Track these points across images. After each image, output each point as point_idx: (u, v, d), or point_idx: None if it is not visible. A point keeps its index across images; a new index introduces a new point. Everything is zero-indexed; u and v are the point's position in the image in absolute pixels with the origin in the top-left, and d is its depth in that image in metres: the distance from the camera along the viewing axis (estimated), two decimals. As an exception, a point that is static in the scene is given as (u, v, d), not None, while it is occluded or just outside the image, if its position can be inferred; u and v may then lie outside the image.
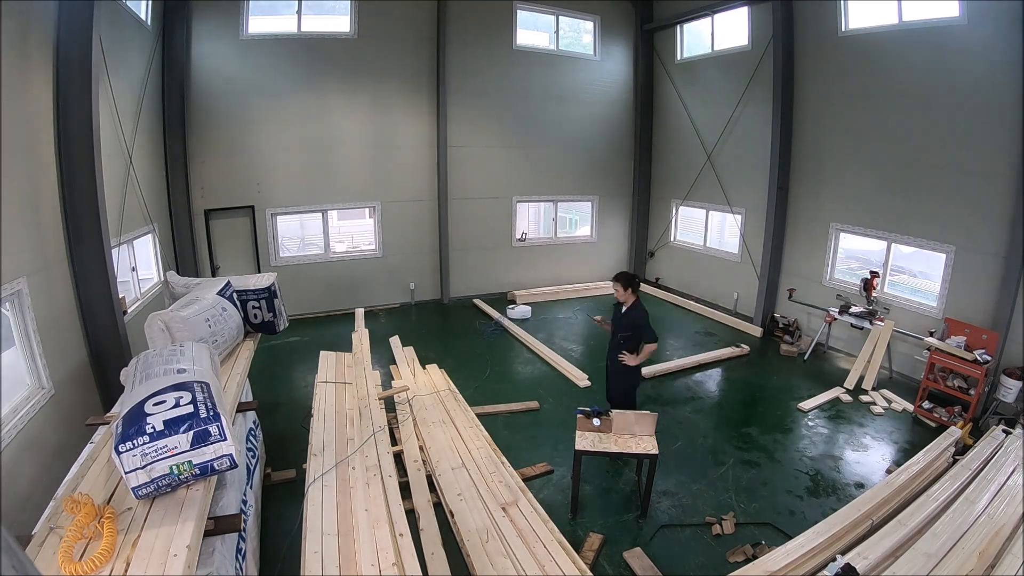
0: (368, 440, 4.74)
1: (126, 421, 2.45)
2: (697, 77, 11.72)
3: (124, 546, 2.26)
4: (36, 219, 5.03)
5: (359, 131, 10.68)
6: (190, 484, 2.57)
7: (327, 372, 6.22)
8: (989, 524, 4.39)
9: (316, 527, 3.58)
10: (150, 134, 8.35)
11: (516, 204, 12.41)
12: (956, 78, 7.22)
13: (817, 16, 8.90)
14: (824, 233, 9.33)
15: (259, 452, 5.23)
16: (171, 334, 3.92)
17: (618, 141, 13.01)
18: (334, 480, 4.14)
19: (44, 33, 5.20)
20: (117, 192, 6.78)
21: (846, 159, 8.87)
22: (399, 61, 10.62)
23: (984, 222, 7.13)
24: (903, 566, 3.96)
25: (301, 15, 9.83)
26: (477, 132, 11.60)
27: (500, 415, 6.91)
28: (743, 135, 10.61)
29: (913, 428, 6.88)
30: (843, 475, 5.83)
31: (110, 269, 5.84)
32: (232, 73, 9.48)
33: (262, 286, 5.11)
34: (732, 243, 11.25)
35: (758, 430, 6.74)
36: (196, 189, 9.57)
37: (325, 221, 10.96)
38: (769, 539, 4.75)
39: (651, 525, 4.94)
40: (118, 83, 6.81)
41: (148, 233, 8.14)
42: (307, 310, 10.77)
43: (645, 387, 7.88)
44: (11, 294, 4.47)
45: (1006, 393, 6.61)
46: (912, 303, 8.19)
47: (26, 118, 4.91)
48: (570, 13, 11.99)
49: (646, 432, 4.96)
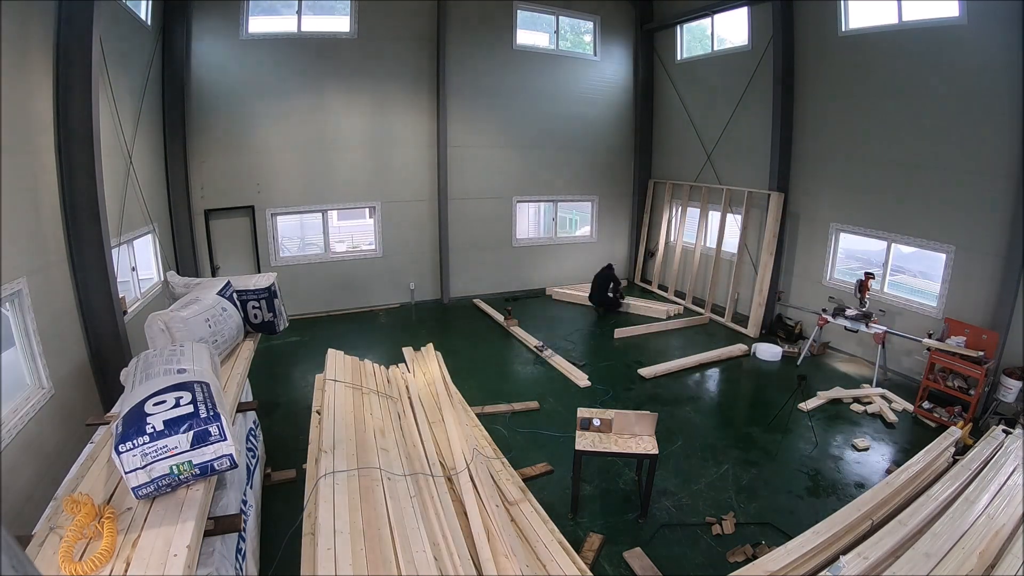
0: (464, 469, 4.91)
1: (126, 421, 2.46)
2: (697, 77, 11.72)
3: (124, 546, 2.26)
4: (36, 219, 5.03)
5: (359, 131, 10.68)
6: (190, 484, 2.57)
7: (335, 371, 6.19)
8: (989, 524, 4.38)
9: (328, 524, 3.58)
10: (150, 134, 8.36)
11: (516, 204, 12.41)
12: (956, 78, 7.22)
13: (817, 16, 8.90)
14: (824, 233, 9.34)
15: (259, 452, 5.23)
16: (171, 334, 3.93)
17: (618, 141, 13.02)
18: (345, 479, 4.14)
19: (44, 33, 5.19)
20: (117, 192, 6.78)
21: (846, 159, 8.87)
22: (399, 61, 10.62)
23: (984, 222, 7.13)
24: (903, 566, 3.96)
25: (301, 15, 9.84)
26: (477, 132, 11.61)
27: (500, 414, 6.91)
28: (743, 135, 10.61)
29: (913, 428, 6.88)
30: (843, 475, 5.84)
31: (110, 269, 5.83)
32: (232, 73, 9.48)
33: (262, 286, 5.12)
34: (732, 243, 11.24)
35: (758, 430, 6.74)
36: (196, 189, 9.57)
37: (325, 221, 10.96)
38: (769, 539, 4.75)
39: (651, 525, 4.94)
40: (118, 83, 6.81)
41: (148, 233, 8.14)
42: (307, 310, 10.77)
43: (645, 387, 7.91)
44: (11, 294, 4.47)
45: (1006, 393, 6.61)
46: (912, 303, 8.19)
47: (26, 118, 4.91)
48: (570, 13, 12.00)
49: (646, 432, 4.97)
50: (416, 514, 4.14)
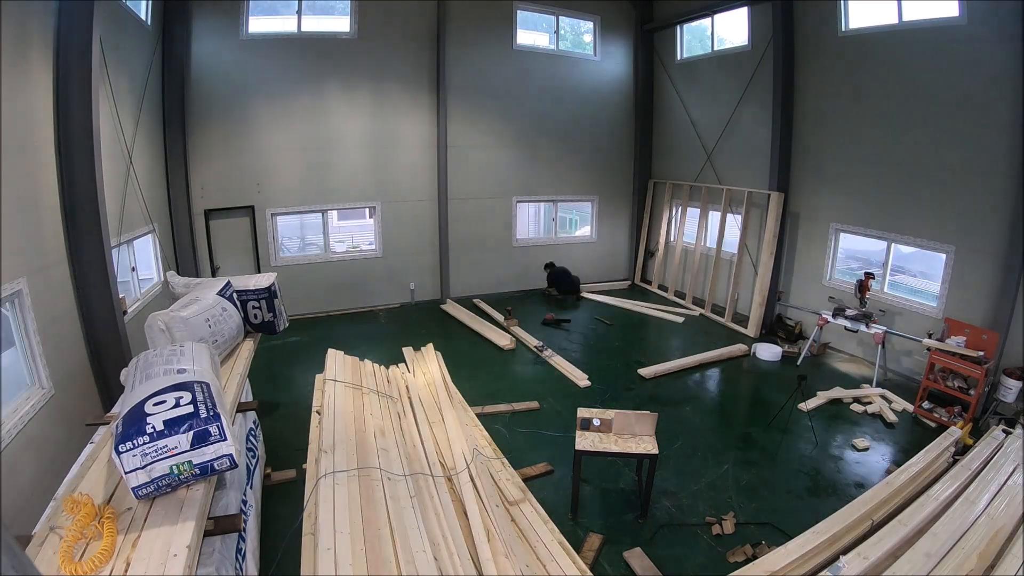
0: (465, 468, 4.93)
1: (126, 421, 2.45)
2: (697, 77, 11.72)
3: (124, 546, 2.26)
4: (36, 219, 5.03)
5: (359, 131, 10.68)
6: (190, 484, 2.57)
7: (336, 371, 6.19)
8: (989, 524, 4.39)
9: (328, 524, 3.58)
10: (150, 134, 8.35)
11: (516, 204, 12.41)
12: (956, 78, 7.22)
13: (817, 16, 8.90)
14: (824, 233, 9.33)
15: (259, 452, 5.23)
16: (171, 334, 3.93)
17: (618, 141, 13.02)
18: (346, 479, 4.14)
19: (44, 33, 5.19)
20: (117, 192, 6.78)
21: (846, 159, 8.87)
22: (399, 61, 10.62)
23: (984, 222, 7.13)
24: (903, 566, 3.96)
25: (301, 15, 9.84)
26: (477, 132, 11.60)
27: (500, 414, 6.91)
28: (743, 135, 10.61)
29: (913, 428, 6.88)
30: (843, 475, 5.83)
31: (110, 269, 5.83)
32: (232, 73, 9.48)
33: (262, 286, 5.12)
34: (732, 243, 11.23)
35: (758, 430, 6.74)
36: (196, 189, 9.57)
37: (325, 221, 10.96)
38: (769, 539, 4.75)
39: (651, 525, 4.94)
40: (118, 83, 6.81)
41: (148, 233, 8.14)
42: (307, 310, 10.77)
43: (646, 387, 7.91)
44: (11, 294, 4.47)
45: (1006, 393, 6.61)
46: (912, 303, 8.19)
47: (26, 118, 4.91)
48: (570, 13, 11.99)
49: (646, 432, 4.97)
50: (416, 514, 4.14)
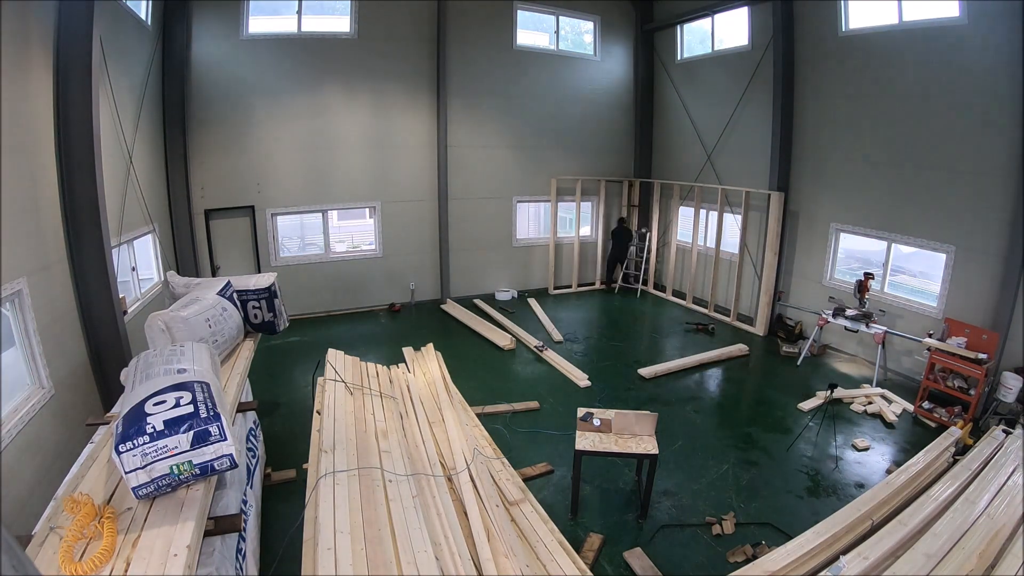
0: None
1: (126, 421, 2.45)
2: (697, 77, 11.72)
3: (124, 546, 2.26)
4: (36, 219, 5.03)
5: (359, 131, 10.68)
6: (190, 484, 2.57)
7: (336, 371, 6.18)
8: (989, 524, 4.39)
9: (328, 524, 3.58)
10: (150, 134, 8.35)
11: (516, 204, 12.41)
12: (956, 78, 7.22)
13: (817, 16, 8.90)
14: (824, 233, 9.33)
15: (259, 452, 5.23)
16: (171, 334, 3.93)
17: (618, 141, 13.02)
18: (346, 479, 4.14)
19: (44, 33, 5.19)
20: (117, 192, 6.78)
21: (846, 159, 8.87)
22: (399, 61, 10.62)
23: (984, 222, 7.12)
24: (903, 566, 3.96)
25: (301, 15, 9.83)
26: (477, 132, 11.60)
27: (500, 414, 6.91)
28: (743, 135, 10.61)
29: (913, 428, 6.88)
30: (843, 475, 5.83)
31: (110, 269, 5.83)
32: (232, 73, 9.47)
33: (262, 286, 5.12)
34: (732, 243, 11.23)
35: (758, 430, 6.74)
36: (196, 189, 9.57)
37: (325, 221, 10.95)
38: (769, 539, 4.75)
39: (651, 525, 4.94)
40: (118, 83, 6.81)
41: (148, 233, 8.14)
42: (307, 310, 10.77)
43: (646, 387, 7.91)
44: (11, 294, 4.46)
45: (1006, 393, 6.61)
46: (912, 303, 8.19)
47: (26, 118, 4.91)
48: (570, 13, 11.99)
49: (646, 432, 4.96)
50: (418, 514, 4.14)
